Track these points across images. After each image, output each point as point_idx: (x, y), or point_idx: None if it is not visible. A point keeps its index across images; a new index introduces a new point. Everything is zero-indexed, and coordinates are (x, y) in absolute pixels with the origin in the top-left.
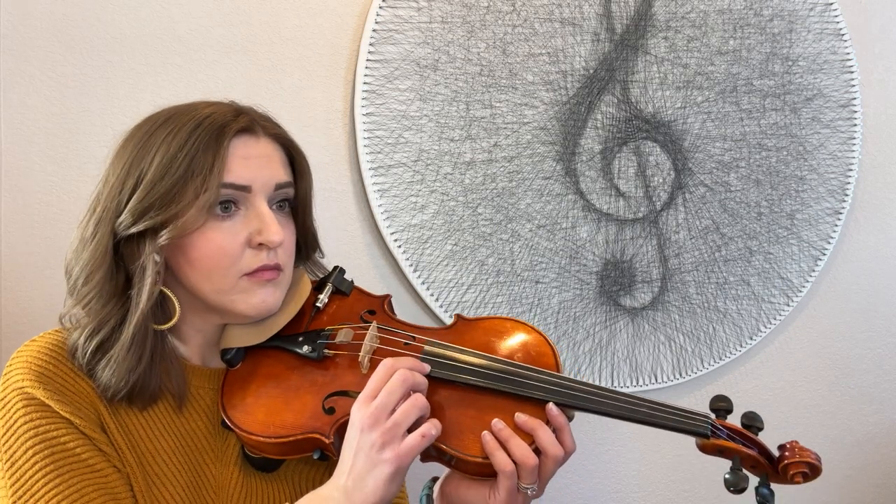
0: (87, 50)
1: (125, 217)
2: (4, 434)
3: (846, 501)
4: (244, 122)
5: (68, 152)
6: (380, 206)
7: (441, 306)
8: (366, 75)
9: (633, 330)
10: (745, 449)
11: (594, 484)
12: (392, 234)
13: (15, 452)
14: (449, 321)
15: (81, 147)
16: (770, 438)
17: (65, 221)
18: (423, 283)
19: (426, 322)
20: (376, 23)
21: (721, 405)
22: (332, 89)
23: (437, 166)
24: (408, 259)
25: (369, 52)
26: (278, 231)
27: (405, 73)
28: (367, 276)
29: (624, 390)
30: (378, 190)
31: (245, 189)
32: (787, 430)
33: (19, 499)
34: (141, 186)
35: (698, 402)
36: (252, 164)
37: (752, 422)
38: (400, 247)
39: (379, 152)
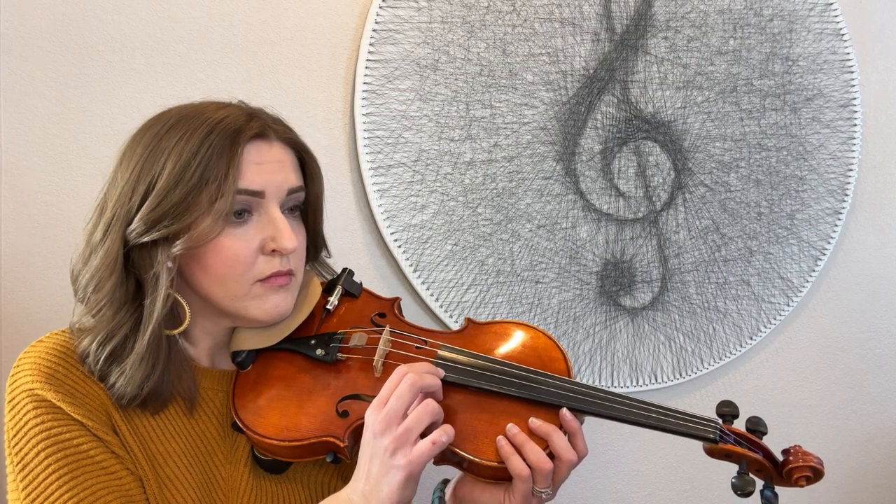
0: (87, 50)
1: (137, 225)
2: (15, 436)
3: (846, 501)
4: (257, 127)
5: (68, 152)
6: (380, 206)
7: (441, 306)
8: (366, 75)
9: (633, 330)
10: (751, 453)
11: (594, 484)
12: (392, 234)
13: (27, 455)
14: (449, 321)
15: (81, 147)
16: (771, 438)
17: (65, 221)
18: (423, 283)
19: (428, 323)
20: (376, 23)
21: (727, 410)
22: (332, 89)
23: (437, 166)
24: (408, 259)
25: (369, 52)
26: (292, 238)
27: (405, 73)
28: (368, 277)
29: (626, 392)
30: (378, 190)
31: (258, 195)
32: (788, 429)
33: (32, 502)
34: (153, 194)
35: (699, 402)
36: (265, 169)
37: (757, 426)
38: (400, 247)
39: (379, 152)
